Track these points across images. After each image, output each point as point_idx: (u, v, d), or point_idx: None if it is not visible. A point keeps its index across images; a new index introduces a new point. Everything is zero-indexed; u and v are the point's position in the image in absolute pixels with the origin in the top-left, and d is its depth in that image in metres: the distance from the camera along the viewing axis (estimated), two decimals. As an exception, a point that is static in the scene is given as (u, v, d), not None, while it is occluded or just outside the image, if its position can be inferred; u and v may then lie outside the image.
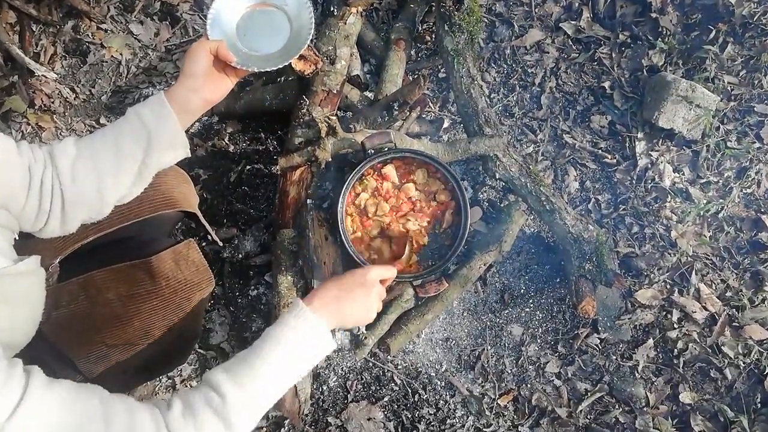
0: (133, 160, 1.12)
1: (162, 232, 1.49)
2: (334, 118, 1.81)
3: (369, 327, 1.99)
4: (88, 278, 1.27)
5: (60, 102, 2.27)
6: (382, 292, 1.27)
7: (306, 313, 1.10)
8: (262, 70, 1.23)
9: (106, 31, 2.35)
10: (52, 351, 1.25)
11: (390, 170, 1.86)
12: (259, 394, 1.02)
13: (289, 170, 1.88)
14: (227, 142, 2.27)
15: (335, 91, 1.90)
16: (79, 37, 2.32)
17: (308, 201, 1.87)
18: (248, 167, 2.23)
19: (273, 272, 1.93)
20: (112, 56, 2.34)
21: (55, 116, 2.26)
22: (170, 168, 1.29)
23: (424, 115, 2.25)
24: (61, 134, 2.27)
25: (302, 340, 1.07)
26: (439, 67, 2.33)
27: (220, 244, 1.69)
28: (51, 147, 1.12)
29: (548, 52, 2.34)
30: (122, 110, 2.29)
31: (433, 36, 2.33)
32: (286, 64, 1.24)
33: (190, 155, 1.23)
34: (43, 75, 2.25)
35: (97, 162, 1.11)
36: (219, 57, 1.16)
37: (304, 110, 1.87)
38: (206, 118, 2.30)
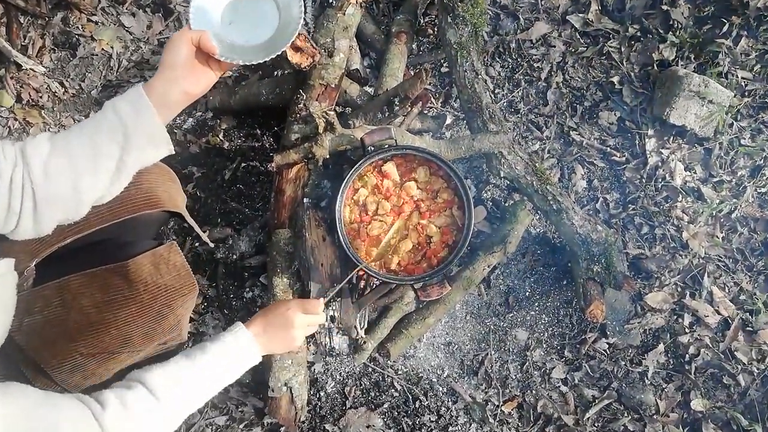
0: (110, 157, 1.06)
1: (146, 233, 1.43)
2: (332, 113, 1.75)
3: (368, 331, 1.96)
4: (64, 283, 1.22)
5: (48, 97, 2.22)
6: (307, 321, 1.37)
7: (243, 337, 1.27)
8: (248, 63, 1.16)
9: (96, 23, 2.29)
10: (26, 360, 1.19)
11: (390, 168, 1.79)
12: (191, 396, 1.15)
13: (285, 168, 1.82)
14: (222, 138, 2.21)
15: (333, 86, 1.85)
16: (68, 29, 2.26)
17: (305, 200, 1.81)
18: (243, 165, 2.18)
19: (268, 274, 1.89)
20: (102, 49, 2.28)
21: (43, 111, 2.20)
22: (154, 165, 1.22)
23: (426, 111, 2.20)
24: (49, 130, 2.20)
25: (236, 358, 1.25)
26: (442, 61, 2.30)
27: (211, 245, 1.63)
28: (24, 144, 1.06)
29: (555, 46, 2.30)
30: (113, 105, 2.22)
31: (436, 29, 2.28)
32: (274, 56, 1.17)
33: (173, 152, 1.16)
34: (31, 69, 2.19)
35: (72, 159, 1.04)
36: (201, 48, 1.10)
37: (301, 105, 1.81)
38: (200, 113, 2.25)
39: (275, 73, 2.21)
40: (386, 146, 1.75)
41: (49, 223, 1.10)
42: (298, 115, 1.83)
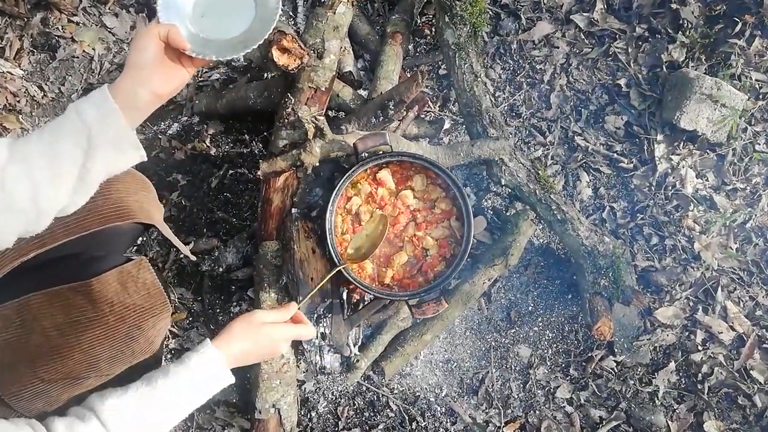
0: (73, 163, 0.99)
1: (118, 247, 1.35)
2: (322, 118, 1.69)
3: (362, 348, 1.90)
4: (24, 302, 1.14)
5: (27, 101, 2.15)
6: (287, 332, 1.31)
7: (210, 358, 1.17)
8: (223, 59, 1.08)
9: (77, 24, 2.23)
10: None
11: (385, 175, 1.72)
12: (151, 427, 1.09)
13: (272, 176, 1.75)
14: (208, 144, 2.15)
15: (324, 89, 1.77)
16: (48, 30, 2.20)
17: (293, 210, 1.74)
18: (231, 172, 2.13)
19: (255, 289, 1.83)
20: (83, 51, 2.22)
21: (21, 116, 2.13)
22: (126, 174, 1.14)
23: (423, 116, 2.16)
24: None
25: (202, 381, 1.16)
26: (440, 63, 2.26)
27: (192, 258, 1.56)
28: None
29: (558, 47, 2.25)
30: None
31: (433, 29, 2.22)
32: (250, 50, 1.09)
33: (145, 158, 1.09)
34: (8, 71, 2.13)
35: (31, 166, 0.97)
36: (171, 44, 1.02)
37: (289, 110, 1.74)
38: (186, 118, 2.20)
39: (265, 75, 2.14)
40: (381, 153, 1.68)
41: (8, 236, 1.02)
42: (286, 120, 1.75)
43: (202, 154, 2.13)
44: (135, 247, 2.04)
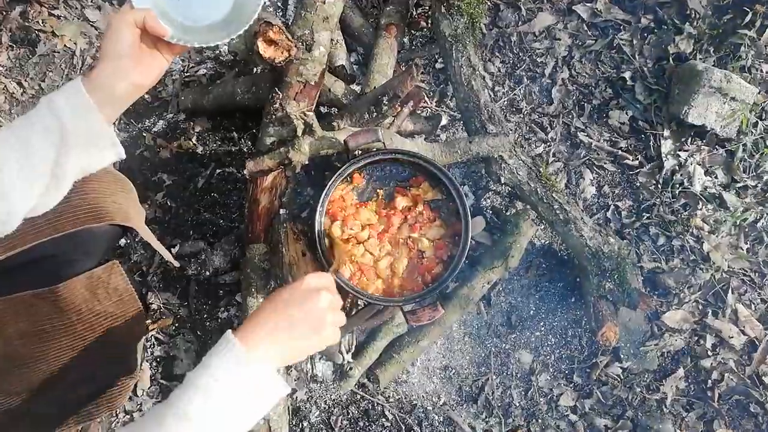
0: (44, 160, 0.95)
1: (94, 251, 1.28)
2: (311, 114, 1.63)
3: (356, 355, 1.84)
4: None
5: (5, 97, 2.08)
6: (333, 301, 1.01)
7: (239, 353, 0.88)
8: (205, 45, 1.01)
9: (58, 17, 2.15)
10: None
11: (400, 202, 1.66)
12: None
13: (259, 175, 1.69)
14: (195, 142, 2.09)
15: (313, 83, 1.71)
16: (27, 24, 2.12)
17: (281, 211, 1.67)
18: (218, 171, 2.07)
19: (242, 294, 1.78)
20: (65, 46, 2.14)
21: (-1, 114, 2.06)
22: (104, 173, 1.14)
23: (418, 111, 2.12)
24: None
25: (234, 389, 0.86)
26: (436, 56, 2.20)
27: (176, 264, 1.49)
28: None
29: (560, 39, 2.21)
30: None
31: (429, 21, 2.14)
32: (234, 37, 1.03)
33: (123, 156, 1.04)
34: (-15, 67, 2.05)
35: (0, 161, 0.92)
36: (148, 30, 0.97)
37: (277, 105, 1.67)
38: (171, 115, 2.13)
39: (253, 70, 2.07)
40: (373, 150, 1.61)
41: None
42: (274, 117, 1.69)
43: (188, 152, 2.07)
44: (119, 250, 1.98)
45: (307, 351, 0.96)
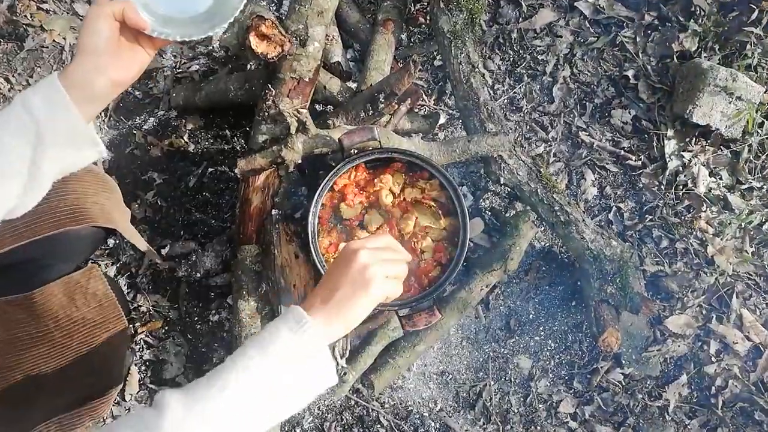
0: (21, 160, 0.91)
1: (76, 254, 1.24)
2: (304, 111, 1.59)
3: (350, 360, 1.79)
4: None
5: (-8, 93, 2.03)
6: (374, 254, 0.98)
7: (308, 326, 0.88)
8: (188, 39, 0.97)
9: (47, 11, 2.12)
10: None
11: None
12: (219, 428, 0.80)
13: (251, 174, 1.65)
14: (186, 140, 2.06)
15: (307, 80, 1.67)
16: (15, 18, 2.09)
17: (273, 211, 1.63)
18: (210, 170, 2.04)
19: (233, 296, 1.73)
20: (53, 41, 2.10)
21: (-15, 110, 2.00)
22: (86, 172, 1.11)
23: (416, 110, 2.07)
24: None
25: (298, 361, 0.86)
26: (435, 53, 2.18)
27: (164, 265, 1.45)
28: None
29: (561, 36, 2.18)
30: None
31: (428, 16, 2.11)
32: (218, 30, 0.98)
33: (104, 154, 1.01)
34: (-29, 62, 2.00)
35: None
36: (128, 23, 0.93)
37: (270, 102, 1.63)
38: (162, 112, 2.10)
39: (247, 66, 2.03)
40: (369, 149, 1.57)
41: None
42: (267, 114, 1.65)
43: (179, 150, 2.04)
44: (107, 251, 1.94)
45: (360, 310, 0.95)
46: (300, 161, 1.60)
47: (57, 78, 0.91)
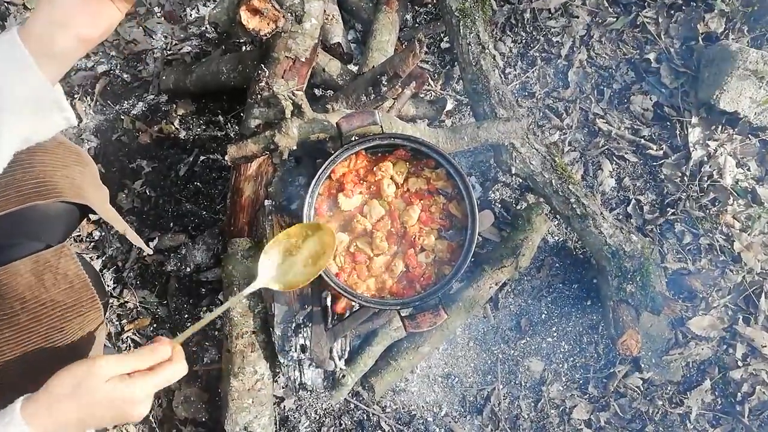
0: None
1: (46, 233, 1.15)
2: (300, 93, 1.51)
3: (348, 362, 1.77)
4: None
5: (-29, 76, 1.94)
6: (139, 389, 0.91)
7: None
8: None
9: (30, -11, 2.02)
10: None
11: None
12: None
13: (242, 161, 1.55)
14: (177, 126, 1.99)
15: (304, 59, 1.58)
16: (-4, -4, 2.00)
17: (266, 202, 1.53)
18: (202, 158, 1.98)
19: (224, 293, 1.66)
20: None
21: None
22: (55, 143, 1.05)
23: (422, 95, 2.04)
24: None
25: None
26: (442, 34, 2.11)
27: (148, 251, 1.36)
28: None
29: (578, 17, 2.11)
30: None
31: (435, -5, 2.02)
32: None
33: (73, 122, 0.95)
34: (-50, 42, 1.91)
35: None
36: None
37: (263, 84, 1.54)
38: (152, 96, 2.03)
39: (242, 47, 1.94)
40: (370, 134, 1.48)
41: None
42: (260, 97, 1.55)
43: (170, 137, 1.97)
44: (92, 243, 1.85)
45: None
46: (295, 148, 1.51)
47: (17, 33, 0.84)
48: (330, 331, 1.56)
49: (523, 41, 2.11)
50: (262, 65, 1.56)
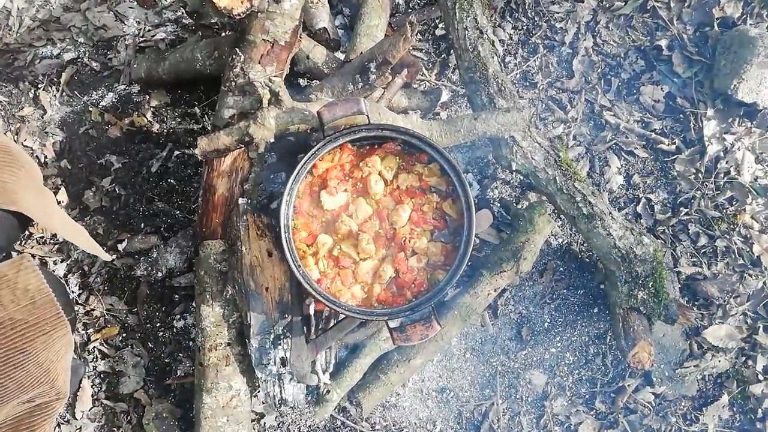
0: None
1: None
2: (278, 80, 1.42)
3: (334, 375, 1.68)
4: None
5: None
6: None
7: None
8: None
9: (-8, -29, 1.91)
10: None
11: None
12: None
13: (215, 156, 1.45)
14: (150, 119, 1.89)
15: (283, 43, 1.48)
16: (-45, -23, 1.87)
17: (241, 200, 1.41)
18: (176, 153, 1.88)
19: (196, 300, 1.56)
20: (3, 6, 1.94)
21: None
22: None
23: (414, 85, 1.94)
24: None
25: None
26: (437, 20, 2.02)
27: (106, 258, 1.25)
28: None
29: (583, 1, 2.05)
30: (11, 75, 1.84)
31: (429, -23, 1.92)
32: None
33: None
34: None
35: None
36: None
37: (238, 70, 1.42)
38: (123, 86, 1.94)
39: (221, 32, 1.83)
40: (355, 126, 1.37)
41: None
42: (234, 84, 1.44)
43: (141, 130, 1.88)
44: (56, 246, 1.74)
45: None
46: (273, 140, 1.40)
47: None
48: (312, 343, 1.45)
49: (524, 27, 2.03)
50: (237, 49, 1.45)
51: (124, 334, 1.74)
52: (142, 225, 1.79)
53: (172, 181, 1.83)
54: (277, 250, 1.43)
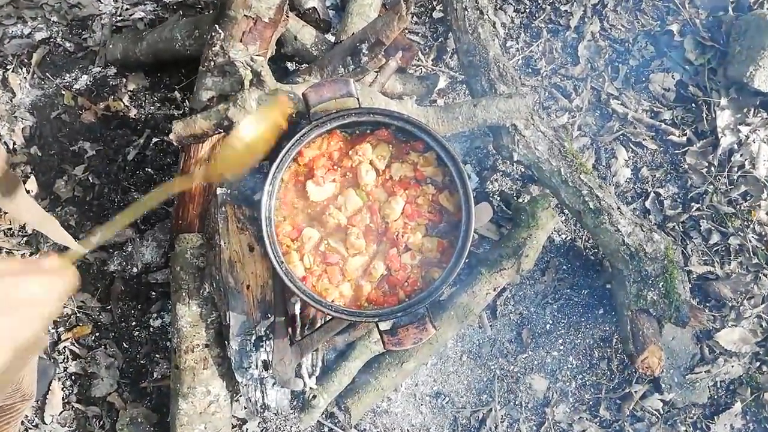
0: None
1: None
2: (261, 59, 1.32)
3: (320, 380, 1.60)
4: None
5: None
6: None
7: None
8: None
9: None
10: None
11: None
12: None
13: (191, 141, 1.36)
14: (127, 103, 1.81)
15: (267, 20, 1.40)
16: None
17: (219, 190, 1.33)
18: (155, 140, 1.80)
19: (171, 298, 1.48)
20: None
21: None
22: None
23: (411, 70, 1.89)
24: None
25: None
26: (434, 2, 1.94)
27: (79, 249, 1.17)
28: None
29: None
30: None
31: (426, -45, 1.83)
32: None
33: None
34: None
35: None
36: None
37: (217, 48, 1.32)
38: (98, 69, 1.86)
39: (203, 11, 1.74)
40: (344, 110, 1.27)
41: None
42: (213, 63, 1.34)
43: (118, 115, 1.80)
44: (25, 238, 1.65)
45: None
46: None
47: None
48: (297, 345, 1.36)
49: (527, 10, 1.98)
50: (216, 26, 1.35)
51: (96, 334, 1.68)
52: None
53: (149, 170, 1.75)
54: (258, 245, 1.36)
